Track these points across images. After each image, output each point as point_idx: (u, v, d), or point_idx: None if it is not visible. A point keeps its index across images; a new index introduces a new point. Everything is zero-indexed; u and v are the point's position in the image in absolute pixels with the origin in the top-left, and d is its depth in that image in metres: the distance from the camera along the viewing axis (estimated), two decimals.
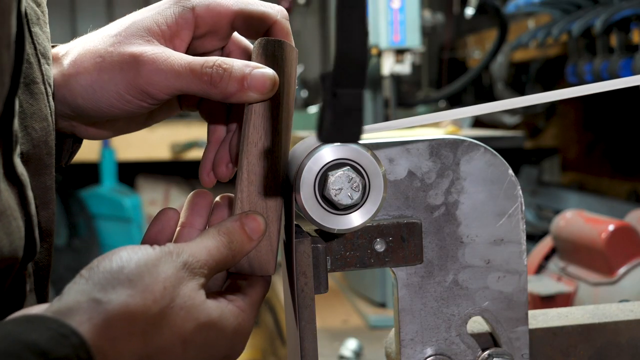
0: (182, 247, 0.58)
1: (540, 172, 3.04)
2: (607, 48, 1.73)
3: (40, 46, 0.67)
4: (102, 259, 0.54)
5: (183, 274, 0.56)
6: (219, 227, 0.62)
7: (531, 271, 1.45)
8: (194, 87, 0.64)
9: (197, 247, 0.59)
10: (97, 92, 0.66)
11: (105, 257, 0.54)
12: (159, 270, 0.55)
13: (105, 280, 0.52)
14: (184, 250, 0.57)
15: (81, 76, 0.67)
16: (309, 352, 0.63)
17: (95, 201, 3.60)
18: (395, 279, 0.68)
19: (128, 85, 0.65)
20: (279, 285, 2.21)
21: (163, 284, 0.54)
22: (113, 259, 0.54)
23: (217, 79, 0.63)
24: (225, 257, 0.60)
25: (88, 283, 0.52)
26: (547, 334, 0.71)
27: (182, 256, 0.57)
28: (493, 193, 0.68)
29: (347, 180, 0.62)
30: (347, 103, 0.47)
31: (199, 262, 0.58)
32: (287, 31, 0.70)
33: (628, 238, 1.25)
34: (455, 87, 2.17)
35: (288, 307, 0.69)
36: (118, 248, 0.56)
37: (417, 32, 1.77)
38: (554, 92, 0.65)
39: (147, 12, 0.69)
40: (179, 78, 0.64)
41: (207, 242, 0.60)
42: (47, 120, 0.65)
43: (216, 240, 0.60)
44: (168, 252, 0.56)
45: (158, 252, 0.56)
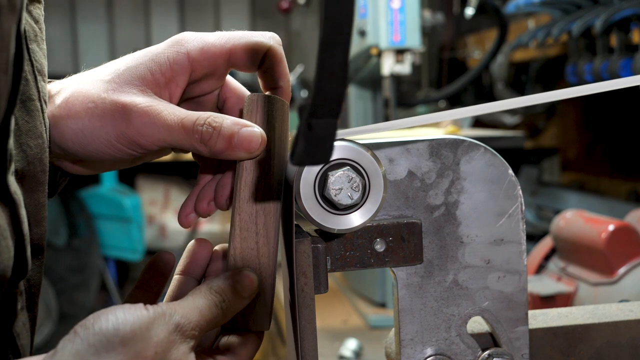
0: (174, 308, 0.58)
1: (540, 172, 3.04)
2: (607, 48, 1.73)
3: (37, 63, 0.66)
4: (97, 317, 0.55)
5: (174, 337, 0.57)
6: (211, 285, 0.62)
7: (531, 271, 1.45)
8: (184, 142, 0.65)
9: (189, 307, 0.59)
10: (87, 137, 0.67)
11: (101, 315, 0.55)
12: (151, 333, 0.55)
13: (100, 343, 0.53)
14: (176, 312, 0.58)
15: (72, 120, 0.67)
16: (309, 352, 0.63)
17: (95, 201, 3.60)
18: (395, 279, 0.68)
19: (118, 134, 0.66)
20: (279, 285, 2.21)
21: (155, 349, 0.55)
22: (109, 320, 0.55)
23: (206, 137, 0.64)
24: (216, 316, 0.61)
25: (83, 344, 0.53)
26: (547, 334, 0.71)
27: (174, 318, 0.57)
28: (493, 193, 0.68)
29: (347, 180, 0.62)
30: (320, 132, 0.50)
31: (191, 323, 0.58)
32: (281, 56, 0.71)
33: (628, 238, 1.25)
34: (455, 87, 2.17)
35: (288, 307, 0.69)
36: (113, 307, 0.56)
37: (417, 32, 1.77)
38: (554, 92, 0.65)
39: (141, 57, 0.69)
40: (170, 133, 0.65)
41: (199, 302, 0.60)
42: (42, 137, 0.65)
43: (208, 299, 0.61)
44: (161, 313, 0.57)
45: (152, 314, 0.56)
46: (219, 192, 0.73)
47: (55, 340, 3.62)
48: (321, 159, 0.52)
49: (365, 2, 1.82)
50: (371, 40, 1.80)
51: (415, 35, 1.77)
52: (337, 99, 0.49)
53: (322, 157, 0.52)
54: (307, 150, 0.50)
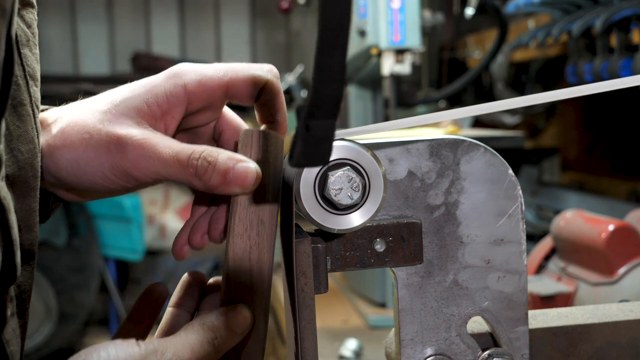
0: (166, 345, 0.58)
1: (540, 172, 3.04)
2: (607, 48, 1.73)
3: (29, 68, 0.66)
4: (89, 353, 0.55)
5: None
6: (204, 321, 0.62)
7: (531, 271, 1.45)
8: (179, 176, 0.65)
9: (180, 344, 0.59)
10: (82, 168, 0.67)
11: (93, 351, 0.55)
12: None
13: None
14: (167, 349, 0.58)
15: (67, 150, 0.67)
16: (309, 352, 0.63)
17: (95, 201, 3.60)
18: (395, 279, 0.68)
19: (113, 166, 0.66)
20: (279, 285, 2.21)
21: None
22: (100, 357, 0.55)
23: (201, 172, 0.64)
24: (209, 353, 0.61)
25: None
26: (547, 334, 0.71)
27: (165, 355, 0.57)
28: (493, 193, 0.68)
29: (347, 180, 0.62)
30: (318, 134, 0.50)
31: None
32: (278, 90, 0.71)
33: (628, 238, 1.25)
34: (455, 87, 2.17)
35: (288, 307, 0.69)
36: (105, 343, 0.56)
37: (417, 32, 1.77)
38: (554, 92, 0.65)
39: (138, 88, 0.69)
40: (165, 167, 0.65)
41: (191, 338, 0.60)
42: (33, 143, 0.64)
43: (200, 335, 0.61)
44: (153, 350, 0.57)
45: (143, 351, 0.56)
46: (213, 225, 0.73)
47: (55, 340, 3.62)
48: (319, 161, 0.52)
49: (365, 2, 1.82)
50: (371, 40, 1.80)
51: (415, 35, 1.77)
52: (335, 101, 0.49)
53: (321, 159, 0.52)
54: (305, 152, 0.51)
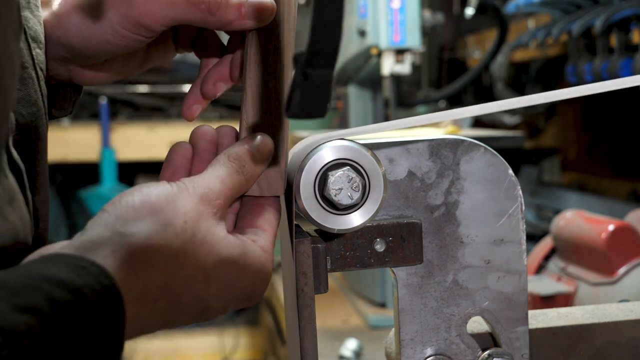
0: (196, 181, 0.58)
1: (540, 172, 3.03)
2: (607, 48, 1.73)
3: (31, 30, 0.66)
4: (124, 194, 0.55)
5: (201, 207, 0.56)
6: (228, 153, 0.61)
7: (531, 271, 1.44)
8: (190, 16, 0.64)
9: (210, 178, 0.59)
10: (91, 28, 0.65)
11: (128, 192, 0.55)
12: (178, 204, 0.55)
13: (128, 214, 0.53)
14: (198, 184, 0.58)
15: (73, 14, 0.66)
16: (309, 352, 0.63)
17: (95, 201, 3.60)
18: (395, 279, 0.68)
19: (122, 19, 0.64)
20: (279, 285, 2.21)
21: (183, 218, 0.55)
22: (134, 194, 0.55)
23: (214, 7, 0.63)
24: (240, 182, 0.60)
25: (111, 216, 0.53)
26: (547, 334, 0.71)
27: (197, 189, 0.57)
28: (493, 193, 0.68)
29: (347, 180, 0.62)
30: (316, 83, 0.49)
31: (215, 193, 0.58)
32: None
33: (628, 238, 1.25)
34: (455, 87, 2.17)
35: (288, 307, 0.69)
36: (139, 185, 0.56)
37: (417, 32, 1.77)
38: (554, 92, 0.65)
39: None
40: (174, 7, 0.63)
41: (220, 171, 0.60)
42: (36, 106, 0.64)
43: (227, 167, 0.60)
44: (184, 187, 0.57)
45: (175, 188, 0.56)
46: (234, 65, 0.71)
47: None
48: (318, 112, 0.51)
49: (365, 2, 1.82)
50: (371, 40, 1.80)
51: (415, 35, 1.77)
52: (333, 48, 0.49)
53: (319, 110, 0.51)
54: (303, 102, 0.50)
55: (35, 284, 0.46)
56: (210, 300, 0.57)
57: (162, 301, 0.53)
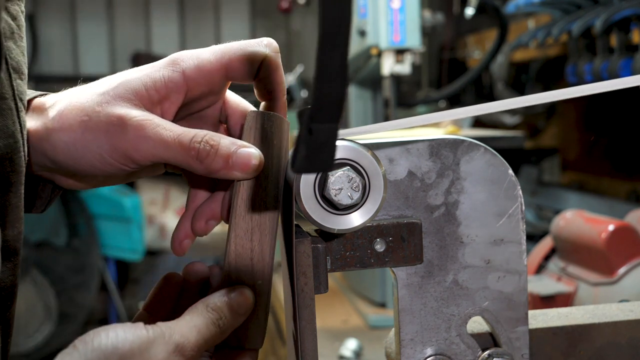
0: (173, 328, 0.58)
1: (540, 172, 3.04)
2: (607, 48, 1.73)
3: (13, 61, 0.65)
4: (97, 333, 0.55)
5: (174, 358, 0.57)
6: (207, 303, 0.62)
7: (531, 271, 1.45)
8: (180, 159, 0.64)
9: (187, 327, 0.59)
10: (79, 151, 0.66)
11: (101, 331, 0.55)
12: (150, 353, 0.55)
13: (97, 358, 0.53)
14: (174, 331, 0.58)
15: (64, 133, 0.66)
16: (309, 352, 0.63)
17: (95, 201, 3.60)
18: (395, 279, 0.68)
19: (112, 148, 0.65)
20: (279, 285, 2.21)
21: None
22: (109, 337, 0.55)
23: (203, 155, 0.64)
24: (214, 334, 0.61)
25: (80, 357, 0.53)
26: (547, 334, 0.71)
27: (173, 337, 0.57)
28: (493, 193, 0.68)
29: (347, 180, 0.62)
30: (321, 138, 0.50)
31: (190, 343, 0.58)
32: (277, 65, 0.70)
33: (628, 238, 1.25)
34: (455, 87, 2.17)
35: (288, 307, 0.69)
36: (114, 325, 0.56)
37: (417, 32, 1.77)
38: (554, 92, 0.65)
39: (137, 72, 0.68)
40: (166, 149, 0.64)
41: (197, 320, 0.60)
42: (13, 137, 0.63)
43: (205, 317, 0.61)
44: (160, 333, 0.57)
45: (151, 334, 0.56)
46: (224, 204, 0.73)
47: (55, 340, 3.62)
48: (323, 166, 0.52)
49: (365, 2, 1.82)
50: (371, 40, 1.80)
51: (415, 35, 1.77)
52: (338, 103, 0.49)
53: (324, 164, 0.51)
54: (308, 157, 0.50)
55: None
56: None
57: None
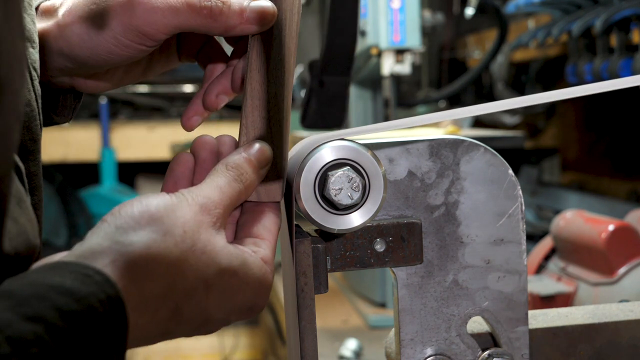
0: (195, 191, 0.58)
1: (540, 172, 3.03)
2: (607, 48, 1.73)
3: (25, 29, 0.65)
4: (123, 204, 0.55)
5: (201, 217, 0.56)
6: (226, 162, 0.61)
7: (531, 271, 1.44)
8: (193, 22, 0.64)
9: (209, 188, 0.59)
10: (94, 38, 0.66)
11: (127, 203, 0.55)
12: (177, 214, 0.55)
13: (127, 224, 0.53)
14: (197, 194, 0.58)
15: (76, 25, 0.66)
16: (309, 352, 0.63)
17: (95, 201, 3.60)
18: (395, 279, 0.68)
19: (124, 28, 0.65)
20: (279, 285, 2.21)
21: (182, 227, 0.55)
22: (134, 205, 0.55)
23: (216, 12, 0.63)
24: (239, 191, 0.60)
25: (111, 226, 0.53)
26: (547, 334, 0.71)
27: (197, 199, 0.57)
28: (493, 193, 0.68)
29: (347, 180, 0.62)
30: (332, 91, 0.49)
31: (214, 202, 0.58)
32: None
33: (628, 238, 1.25)
34: (455, 87, 2.17)
35: (288, 307, 0.69)
36: (138, 196, 0.56)
37: (417, 32, 1.77)
38: (554, 92, 0.65)
39: None
40: (176, 14, 0.63)
41: (218, 180, 0.60)
42: (30, 106, 0.64)
43: (226, 176, 0.60)
44: (183, 197, 0.57)
45: (174, 198, 0.56)
46: (235, 75, 0.71)
47: None
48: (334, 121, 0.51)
49: (365, 2, 1.82)
50: (371, 40, 1.80)
51: (415, 35, 1.77)
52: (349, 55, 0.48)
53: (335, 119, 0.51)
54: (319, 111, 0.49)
55: (41, 293, 0.46)
56: (211, 311, 0.57)
57: (163, 310, 0.53)
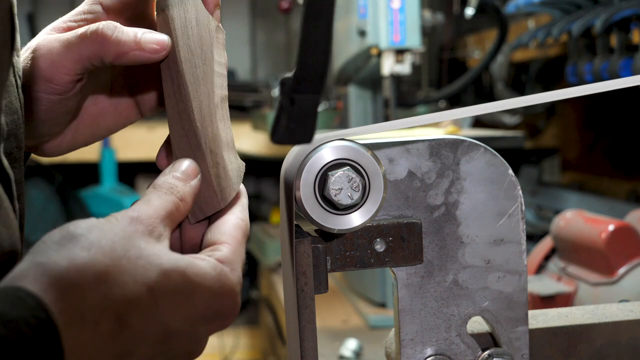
0: (123, 210, 0.57)
1: (540, 172, 3.03)
2: (607, 48, 1.73)
3: None
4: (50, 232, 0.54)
5: (133, 227, 0.55)
6: (153, 184, 0.60)
7: (531, 271, 1.44)
8: (88, 51, 0.64)
9: (137, 204, 0.57)
10: None
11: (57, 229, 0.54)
12: (105, 228, 0.54)
13: (48, 247, 0.52)
14: (125, 211, 0.56)
15: None
16: (309, 352, 0.63)
17: (95, 201, 3.60)
18: (395, 279, 0.68)
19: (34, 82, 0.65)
20: (279, 285, 2.21)
21: (111, 239, 0.53)
22: (61, 229, 0.54)
23: (108, 34, 0.63)
24: (172, 202, 0.58)
25: (33, 251, 0.52)
26: (547, 334, 0.71)
27: (125, 214, 0.56)
28: (493, 193, 0.68)
29: (347, 180, 0.62)
30: (303, 108, 0.49)
31: (146, 213, 0.56)
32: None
33: (628, 238, 1.25)
34: (455, 87, 2.17)
35: (288, 307, 0.69)
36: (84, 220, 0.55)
37: (417, 32, 1.77)
38: (554, 92, 0.65)
39: None
40: (70, 48, 0.64)
41: (147, 197, 0.58)
42: (17, 113, 0.64)
43: (154, 192, 0.59)
44: (111, 216, 0.55)
45: (101, 219, 0.55)
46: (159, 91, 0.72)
47: None
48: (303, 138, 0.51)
49: (365, 2, 1.82)
50: (371, 40, 1.80)
51: (415, 35, 1.77)
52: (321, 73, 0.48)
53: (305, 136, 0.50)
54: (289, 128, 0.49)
55: None
56: (167, 321, 0.53)
57: (104, 322, 0.50)
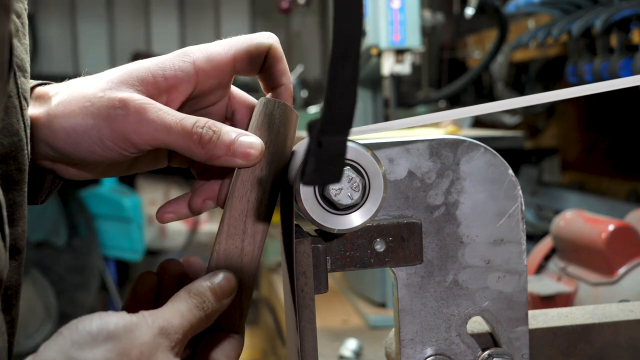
0: (156, 314, 0.58)
1: (540, 172, 3.04)
2: (607, 48, 1.73)
3: (18, 59, 0.65)
4: (82, 319, 0.55)
5: (160, 340, 0.57)
6: (190, 289, 0.62)
7: (531, 271, 1.45)
8: (181, 143, 0.64)
9: (170, 312, 0.59)
10: (79, 135, 0.65)
11: (86, 318, 0.55)
12: (135, 334, 0.55)
13: (83, 340, 0.53)
14: (158, 317, 0.58)
15: (66, 118, 0.66)
16: (309, 352, 0.63)
17: (95, 201, 3.60)
18: (395, 279, 0.68)
19: (112, 132, 0.64)
20: (279, 285, 2.21)
21: (140, 348, 0.55)
22: (93, 320, 0.55)
23: (205, 140, 0.64)
24: (199, 318, 0.61)
25: (66, 341, 0.53)
26: (547, 334, 0.71)
27: (157, 321, 0.57)
28: (493, 193, 0.68)
29: (347, 180, 0.62)
30: (331, 150, 0.50)
31: (174, 327, 0.58)
32: (281, 55, 0.70)
33: (628, 238, 1.25)
34: (455, 87, 2.17)
35: (288, 307, 0.69)
36: (97, 313, 0.56)
37: (417, 32, 1.77)
38: (554, 92, 0.65)
39: (145, 62, 0.68)
40: (168, 132, 0.64)
41: (180, 306, 0.60)
42: (18, 135, 0.63)
43: (188, 302, 0.60)
44: (143, 318, 0.57)
45: (135, 318, 0.56)
46: (223, 188, 0.73)
47: None
48: (332, 178, 0.52)
49: (365, 2, 1.82)
50: (371, 40, 1.80)
51: (415, 35, 1.77)
52: (348, 116, 0.49)
53: (333, 177, 0.51)
54: (317, 169, 0.50)
55: None
56: None
57: None
